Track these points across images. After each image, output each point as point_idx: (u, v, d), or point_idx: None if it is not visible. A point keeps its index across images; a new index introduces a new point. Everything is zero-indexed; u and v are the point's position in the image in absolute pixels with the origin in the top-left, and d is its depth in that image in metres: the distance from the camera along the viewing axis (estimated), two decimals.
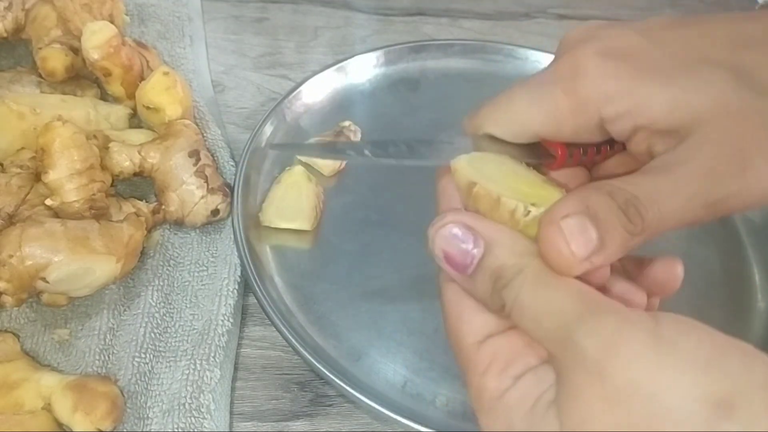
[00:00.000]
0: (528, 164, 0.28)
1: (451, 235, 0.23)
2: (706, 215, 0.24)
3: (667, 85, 0.25)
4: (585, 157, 0.29)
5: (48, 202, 0.38)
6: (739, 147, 0.24)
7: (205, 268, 0.43)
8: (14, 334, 0.38)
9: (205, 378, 0.37)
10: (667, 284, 0.26)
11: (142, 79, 0.46)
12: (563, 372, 0.21)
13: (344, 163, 0.49)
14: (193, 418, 0.36)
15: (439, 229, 0.24)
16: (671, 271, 0.26)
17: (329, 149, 0.39)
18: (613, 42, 0.27)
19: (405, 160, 0.28)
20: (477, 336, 0.24)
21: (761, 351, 0.20)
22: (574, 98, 0.26)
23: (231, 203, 0.44)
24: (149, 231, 0.42)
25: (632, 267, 0.27)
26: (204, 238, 0.44)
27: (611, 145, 0.29)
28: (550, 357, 0.21)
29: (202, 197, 0.42)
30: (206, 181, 0.43)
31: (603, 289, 0.25)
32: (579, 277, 0.22)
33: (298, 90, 0.52)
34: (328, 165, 0.48)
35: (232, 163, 0.47)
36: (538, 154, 0.29)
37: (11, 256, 0.35)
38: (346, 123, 0.50)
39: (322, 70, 0.53)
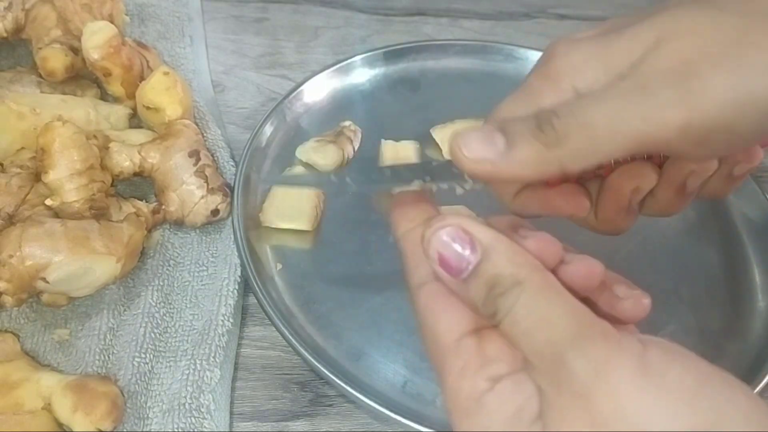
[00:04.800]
0: None
1: (449, 238, 0.23)
2: (645, 138, 0.24)
3: (629, 35, 0.25)
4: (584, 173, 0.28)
5: (48, 202, 0.38)
6: (683, 59, 0.24)
7: (205, 268, 0.43)
8: (14, 334, 0.38)
9: (205, 378, 0.37)
10: (635, 318, 0.26)
11: (142, 79, 0.46)
12: (549, 390, 0.21)
13: (345, 163, 0.49)
14: (193, 418, 0.36)
15: (436, 231, 0.23)
16: (640, 306, 0.25)
17: None
18: (583, 33, 0.27)
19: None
20: (453, 334, 0.23)
21: (741, 382, 0.20)
22: (548, 78, 0.27)
23: (231, 203, 0.44)
24: (149, 231, 0.42)
25: (606, 297, 0.26)
26: (204, 238, 0.44)
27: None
28: (535, 371, 0.21)
29: (202, 197, 0.42)
30: (206, 181, 0.43)
31: (603, 287, 0.25)
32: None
33: (298, 90, 0.52)
34: (328, 165, 0.48)
35: (232, 163, 0.47)
36: None
37: (11, 256, 0.35)
38: (346, 123, 0.50)
39: (322, 70, 0.53)
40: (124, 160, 0.42)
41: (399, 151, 0.49)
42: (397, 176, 0.29)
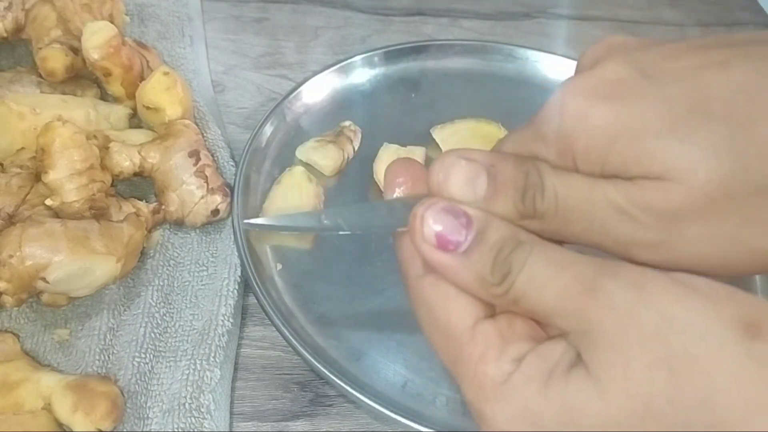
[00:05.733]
0: None
1: (444, 211, 0.23)
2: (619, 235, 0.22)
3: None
4: None
5: (48, 202, 0.38)
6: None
7: (205, 268, 0.43)
8: (14, 334, 0.38)
9: (205, 378, 0.37)
10: None
11: (142, 79, 0.46)
12: (587, 327, 0.20)
13: (345, 162, 0.49)
14: (193, 418, 0.36)
15: (430, 206, 0.23)
16: None
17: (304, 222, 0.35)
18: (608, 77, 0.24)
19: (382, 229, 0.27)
20: (468, 321, 0.23)
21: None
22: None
23: (231, 203, 0.44)
24: (149, 231, 0.42)
25: None
26: (204, 238, 0.44)
27: None
28: (565, 319, 0.21)
29: (202, 197, 0.42)
30: (206, 181, 0.43)
31: None
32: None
33: (298, 90, 0.52)
34: (328, 165, 0.48)
35: (232, 163, 0.47)
36: None
37: (11, 256, 0.35)
38: (347, 123, 0.50)
39: (322, 70, 0.53)
40: (124, 160, 0.42)
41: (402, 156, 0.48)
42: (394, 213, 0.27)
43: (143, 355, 0.38)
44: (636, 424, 0.19)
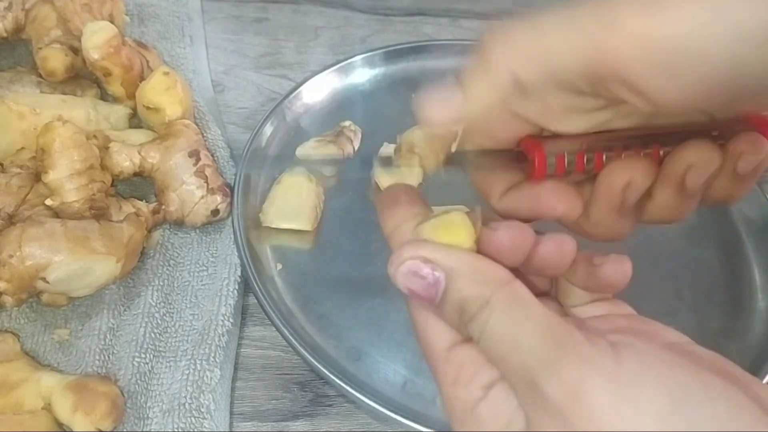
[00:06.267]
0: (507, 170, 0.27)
1: (411, 272, 0.23)
2: (599, 50, 0.22)
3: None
4: (572, 167, 0.27)
5: (48, 202, 0.38)
6: None
7: (205, 268, 0.43)
8: (14, 334, 0.38)
9: (205, 378, 0.37)
10: (617, 284, 0.25)
11: (142, 79, 0.46)
12: (529, 410, 0.21)
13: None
14: (193, 418, 0.36)
15: (398, 267, 0.23)
16: (620, 270, 0.25)
17: None
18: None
19: None
20: (444, 344, 0.23)
21: (721, 378, 0.20)
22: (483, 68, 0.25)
23: (231, 203, 0.44)
24: (149, 231, 0.42)
25: (583, 268, 0.25)
26: (204, 238, 0.44)
27: (608, 150, 0.27)
28: (515, 391, 0.21)
29: (202, 197, 0.42)
30: (206, 181, 0.43)
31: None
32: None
33: (298, 90, 0.52)
34: (328, 165, 0.48)
35: (232, 163, 0.47)
36: (516, 161, 0.27)
37: (11, 256, 0.35)
38: (347, 123, 0.50)
39: (322, 70, 0.53)
40: (124, 160, 0.42)
41: None
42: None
43: (143, 355, 0.38)
44: None
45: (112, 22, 0.47)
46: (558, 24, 0.23)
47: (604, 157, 0.27)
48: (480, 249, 0.23)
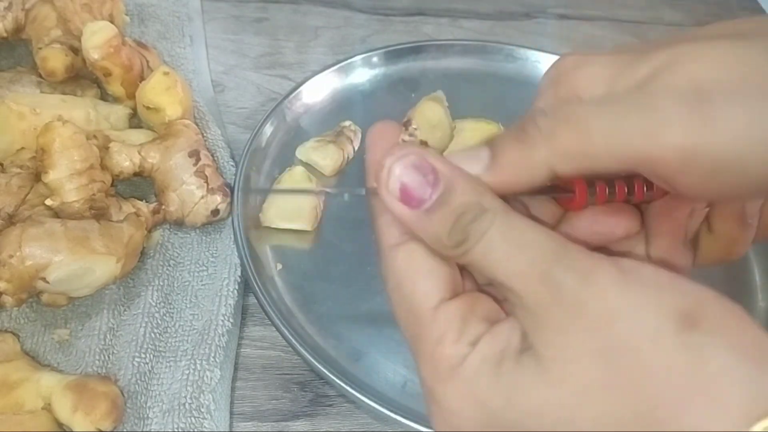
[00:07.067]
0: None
1: (412, 165, 0.22)
2: (644, 155, 0.22)
3: (642, 56, 0.24)
4: (613, 197, 0.26)
5: (48, 202, 0.38)
6: (697, 82, 0.22)
7: (205, 268, 0.43)
8: (14, 334, 0.38)
9: (205, 378, 0.37)
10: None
11: (142, 79, 0.46)
12: (537, 309, 0.21)
13: (345, 162, 0.49)
14: (193, 418, 0.36)
15: (399, 159, 0.23)
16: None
17: None
18: (595, 52, 0.26)
19: None
20: (432, 301, 0.23)
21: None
22: (553, 90, 0.25)
23: (231, 203, 0.44)
24: (149, 231, 0.42)
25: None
26: (204, 238, 0.44)
27: (648, 183, 0.26)
28: (517, 297, 0.21)
29: (202, 197, 0.42)
30: (206, 181, 0.43)
31: None
32: None
33: (298, 90, 0.52)
34: (328, 165, 0.48)
35: (232, 163, 0.47)
36: (554, 190, 0.26)
37: (11, 256, 0.35)
38: (347, 123, 0.50)
39: (322, 70, 0.53)
40: (124, 160, 0.42)
41: None
42: None
43: (143, 355, 0.38)
44: (574, 407, 0.20)
45: (112, 22, 0.47)
46: (602, 126, 0.23)
47: (644, 186, 0.26)
48: None
